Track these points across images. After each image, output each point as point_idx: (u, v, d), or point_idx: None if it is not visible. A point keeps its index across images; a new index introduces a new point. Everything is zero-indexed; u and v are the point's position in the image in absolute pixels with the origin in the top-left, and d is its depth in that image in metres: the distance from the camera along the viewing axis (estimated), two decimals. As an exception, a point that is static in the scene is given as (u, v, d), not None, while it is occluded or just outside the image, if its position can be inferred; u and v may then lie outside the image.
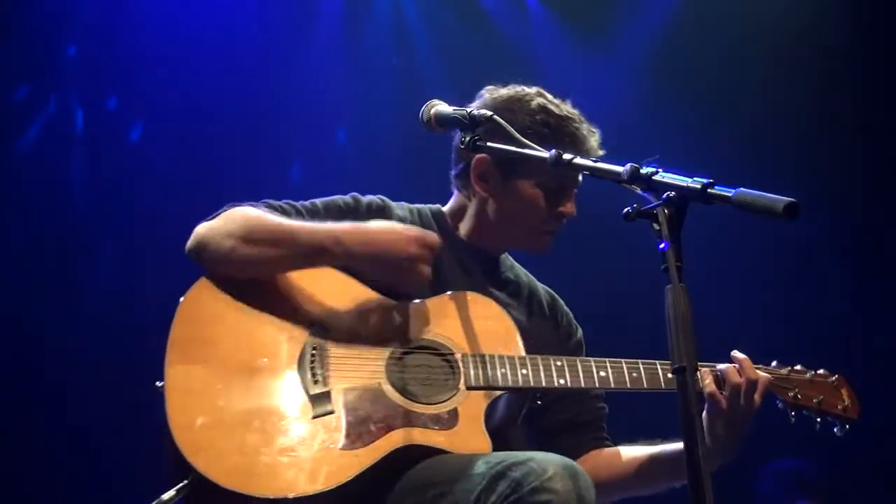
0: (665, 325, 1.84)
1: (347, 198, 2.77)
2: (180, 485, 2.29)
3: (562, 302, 3.01)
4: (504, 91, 2.84)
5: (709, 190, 1.86)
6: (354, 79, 6.00)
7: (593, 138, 2.78)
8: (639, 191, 1.99)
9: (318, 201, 2.73)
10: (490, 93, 2.85)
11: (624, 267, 5.32)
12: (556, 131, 2.73)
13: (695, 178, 1.89)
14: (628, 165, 2.02)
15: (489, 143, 2.57)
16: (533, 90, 2.83)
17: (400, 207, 2.83)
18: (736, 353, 2.66)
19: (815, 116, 6.04)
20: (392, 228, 2.57)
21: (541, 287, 3.00)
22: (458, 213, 2.89)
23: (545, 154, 2.33)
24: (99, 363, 5.11)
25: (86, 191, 5.56)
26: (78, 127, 5.63)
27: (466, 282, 2.76)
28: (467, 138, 2.57)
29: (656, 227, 1.88)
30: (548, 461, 2.19)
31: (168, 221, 5.16)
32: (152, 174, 5.55)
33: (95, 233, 5.44)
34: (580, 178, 2.78)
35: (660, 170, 1.96)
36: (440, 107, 2.65)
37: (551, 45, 6.24)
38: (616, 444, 2.89)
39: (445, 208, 2.92)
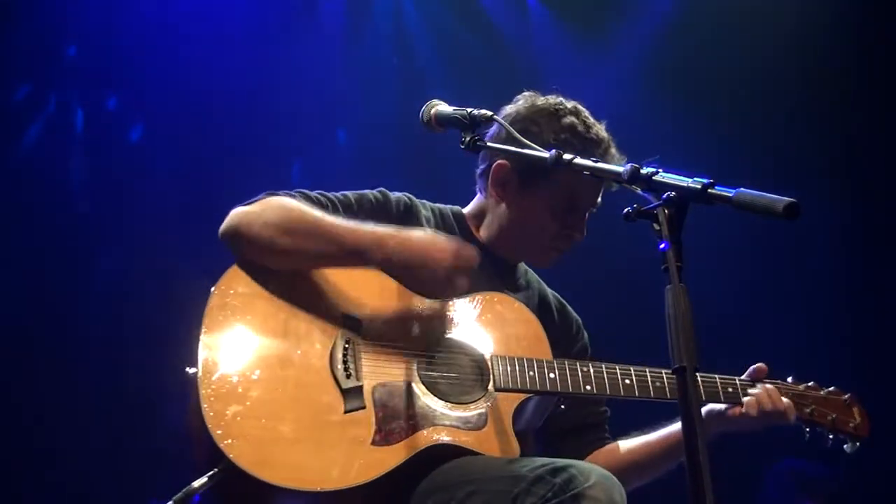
0: (665, 325, 1.84)
1: (377, 193, 2.77)
2: (211, 472, 2.27)
3: (570, 308, 3.03)
4: (540, 101, 2.85)
5: (709, 190, 1.85)
6: (354, 79, 6.00)
7: (614, 150, 2.79)
8: (639, 191, 1.99)
9: (350, 194, 2.73)
10: (525, 99, 2.87)
11: (624, 267, 5.32)
12: (579, 153, 2.74)
13: (695, 179, 1.89)
14: (629, 166, 2.02)
15: (489, 143, 2.58)
16: (570, 105, 2.83)
17: (424, 206, 2.84)
18: (757, 369, 2.75)
19: (815, 116, 6.04)
20: (433, 239, 2.53)
21: (550, 293, 3.02)
22: (479, 215, 2.90)
23: (545, 154, 2.32)
24: (99, 363, 5.11)
25: (86, 191, 5.56)
26: (78, 127, 5.63)
27: (485, 285, 2.76)
28: (467, 138, 2.57)
29: (656, 227, 1.88)
30: (590, 470, 2.22)
31: (168, 221, 5.18)
32: (152, 174, 5.55)
33: (95, 233, 5.44)
34: (598, 200, 2.80)
35: (660, 170, 1.96)
36: (440, 107, 2.66)
37: (551, 45, 6.23)
38: (616, 438, 2.92)
39: (466, 210, 2.94)
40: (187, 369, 2.38)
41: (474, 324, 2.62)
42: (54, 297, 5.29)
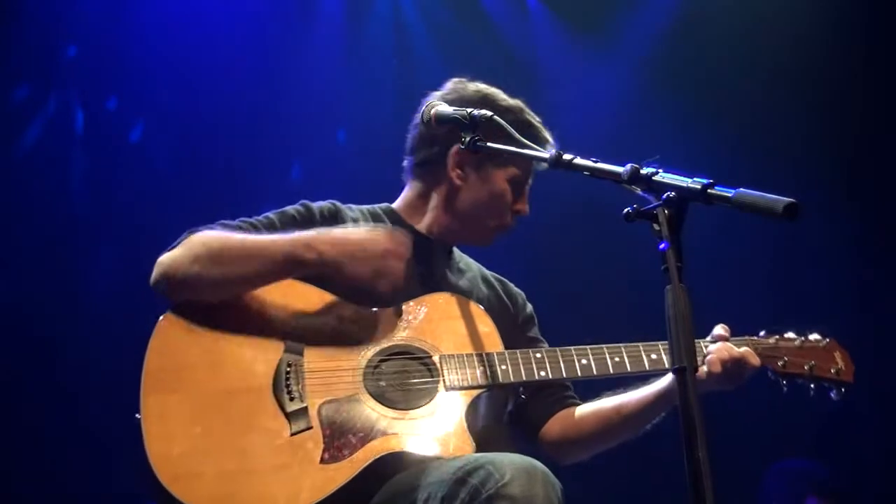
0: (665, 324, 1.84)
1: (298, 206, 2.78)
2: None
3: (511, 283, 3.04)
4: (473, 86, 2.90)
5: (709, 190, 1.86)
6: (354, 79, 6.00)
7: (546, 129, 2.84)
8: (639, 191, 1.99)
9: (271, 214, 2.74)
10: (460, 84, 2.91)
11: (624, 267, 5.32)
12: (513, 123, 2.73)
13: (695, 179, 1.89)
14: (628, 166, 2.03)
15: (489, 144, 2.58)
16: (472, 87, 2.88)
17: (351, 210, 2.85)
18: (719, 332, 2.71)
19: (815, 116, 6.04)
20: (360, 228, 2.57)
21: (489, 273, 3.03)
22: (414, 206, 2.90)
23: (545, 154, 2.33)
24: (99, 363, 5.10)
25: (86, 191, 5.55)
26: (78, 127, 5.62)
27: (426, 273, 2.78)
28: (467, 138, 2.58)
29: (656, 227, 1.88)
30: (506, 465, 2.18)
31: (168, 221, 5.12)
32: (152, 174, 5.55)
33: (95, 233, 5.43)
34: (532, 176, 2.85)
35: (660, 170, 1.96)
36: (440, 107, 2.67)
37: (551, 44, 6.23)
38: (584, 399, 2.91)
39: (396, 205, 2.93)
40: (136, 415, 2.39)
41: (421, 326, 2.60)
42: (54, 297, 5.29)
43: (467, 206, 2.83)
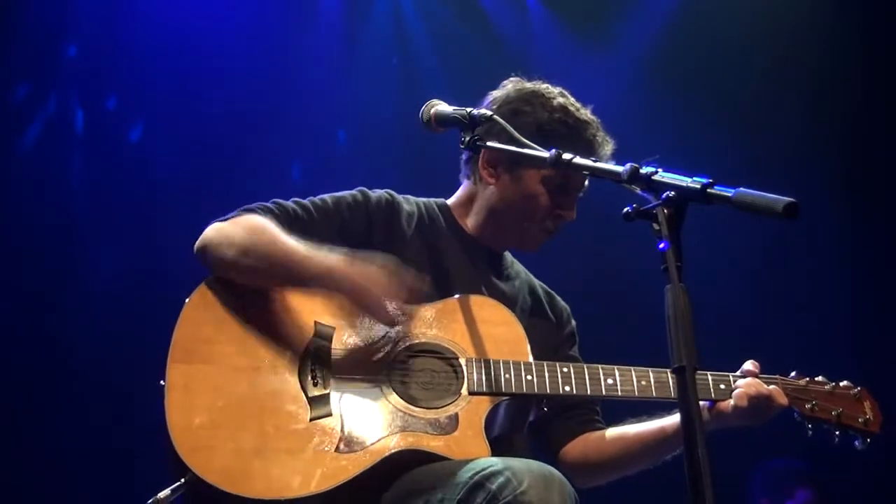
0: (665, 324, 1.84)
1: (356, 192, 2.77)
2: (176, 484, 2.30)
3: (559, 297, 3.02)
4: (529, 85, 2.86)
5: (708, 190, 1.85)
6: (354, 79, 6.00)
7: (608, 147, 2.80)
8: (638, 191, 1.99)
9: (327, 197, 2.73)
10: (514, 84, 2.87)
11: (623, 267, 5.32)
12: (573, 132, 2.75)
13: (694, 178, 1.88)
14: (628, 165, 2.02)
15: (489, 143, 2.58)
16: (556, 90, 2.84)
17: (407, 202, 2.83)
18: (749, 369, 2.69)
19: (815, 116, 6.04)
20: (381, 274, 2.47)
21: (538, 283, 3.01)
22: (465, 205, 2.88)
23: (545, 154, 2.32)
24: (99, 363, 5.11)
25: (86, 191, 5.56)
26: (78, 127, 5.63)
27: (473, 275, 2.77)
28: (467, 138, 2.57)
29: (656, 227, 1.88)
30: (524, 472, 2.18)
31: (168, 221, 5.17)
32: (152, 174, 5.55)
33: (95, 232, 5.44)
34: (585, 183, 2.79)
35: (659, 170, 1.96)
36: (440, 106, 2.66)
37: (551, 44, 6.23)
38: (610, 424, 2.89)
39: (450, 201, 2.92)
40: (161, 382, 2.40)
41: (451, 327, 2.59)
42: (54, 297, 5.29)
43: (502, 207, 2.80)
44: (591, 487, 2.85)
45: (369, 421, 2.41)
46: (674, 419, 2.70)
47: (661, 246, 1.85)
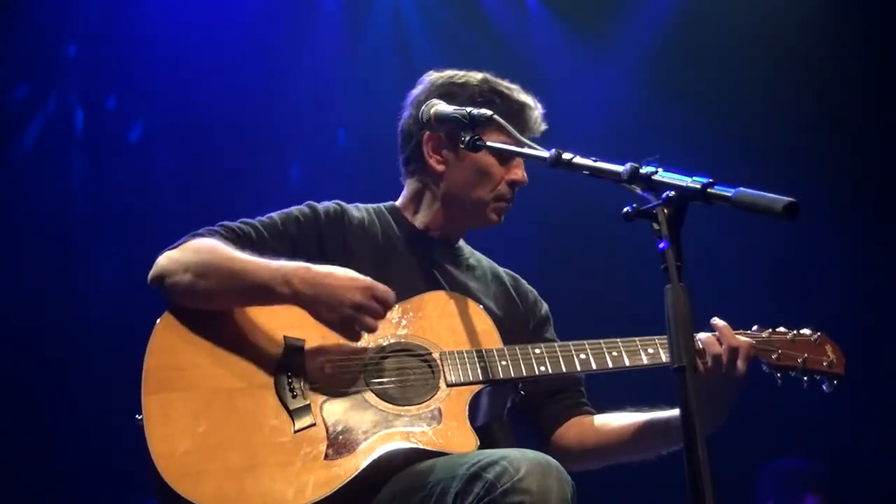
0: (665, 324, 1.84)
1: (304, 207, 2.78)
2: None
3: (524, 281, 3.02)
4: (447, 71, 2.94)
5: (709, 190, 1.85)
6: (354, 79, 6.00)
7: (539, 110, 2.84)
8: (638, 190, 1.98)
9: (275, 215, 2.74)
10: (430, 76, 2.95)
11: (623, 267, 5.32)
12: (505, 99, 2.79)
13: (694, 178, 1.88)
14: (628, 165, 2.02)
15: (489, 143, 2.58)
16: (477, 72, 2.92)
17: (357, 209, 2.85)
18: (715, 321, 2.66)
19: (815, 116, 6.04)
20: (344, 274, 2.48)
21: (502, 270, 3.01)
22: (413, 202, 2.90)
23: (545, 154, 2.32)
24: (99, 363, 5.10)
25: (86, 191, 5.56)
26: (78, 127, 5.63)
27: (431, 270, 2.78)
28: (467, 138, 2.58)
29: (656, 226, 1.88)
30: (521, 460, 2.20)
31: (168, 221, 5.17)
32: (152, 174, 5.55)
33: (95, 232, 5.44)
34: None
35: (659, 169, 1.96)
36: (440, 106, 2.67)
37: (551, 44, 6.23)
38: (603, 411, 2.88)
39: (398, 202, 2.93)
40: (137, 416, 2.39)
41: (419, 324, 2.61)
42: (54, 297, 5.29)
43: (457, 188, 2.81)
44: (591, 488, 2.84)
45: (354, 425, 2.42)
46: (675, 412, 2.67)
47: (661, 246, 1.86)
